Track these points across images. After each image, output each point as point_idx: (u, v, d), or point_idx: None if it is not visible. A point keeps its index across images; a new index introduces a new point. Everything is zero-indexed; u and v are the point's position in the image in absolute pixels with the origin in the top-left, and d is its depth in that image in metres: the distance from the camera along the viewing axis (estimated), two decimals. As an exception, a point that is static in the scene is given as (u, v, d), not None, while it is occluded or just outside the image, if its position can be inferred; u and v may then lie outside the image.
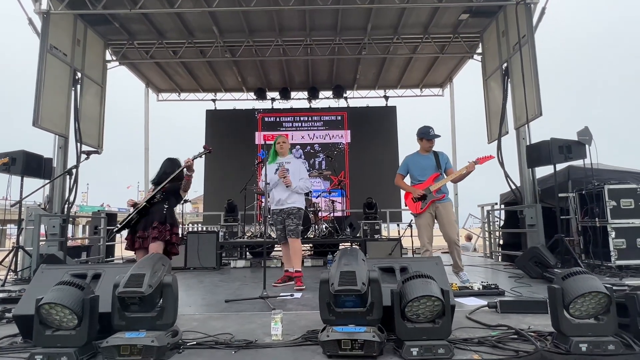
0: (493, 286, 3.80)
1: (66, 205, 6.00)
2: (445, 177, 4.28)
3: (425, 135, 4.34)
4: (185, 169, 3.89)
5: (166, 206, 3.87)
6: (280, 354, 2.10)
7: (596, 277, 2.11)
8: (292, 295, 3.87)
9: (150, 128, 10.45)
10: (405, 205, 4.50)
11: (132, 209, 3.81)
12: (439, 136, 4.38)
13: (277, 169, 4.52)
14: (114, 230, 3.86)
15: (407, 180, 4.46)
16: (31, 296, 2.22)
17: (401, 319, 2.04)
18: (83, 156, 4.26)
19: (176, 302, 2.20)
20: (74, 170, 4.51)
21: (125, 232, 3.90)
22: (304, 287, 4.22)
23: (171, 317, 2.13)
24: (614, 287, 2.31)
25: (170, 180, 3.82)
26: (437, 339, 2.00)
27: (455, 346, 2.09)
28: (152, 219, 3.76)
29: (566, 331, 2.03)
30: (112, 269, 2.59)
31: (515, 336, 2.26)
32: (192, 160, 3.87)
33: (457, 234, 4.30)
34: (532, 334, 2.26)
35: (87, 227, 7.91)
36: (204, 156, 4.19)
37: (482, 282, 3.95)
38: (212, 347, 2.21)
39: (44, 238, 5.93)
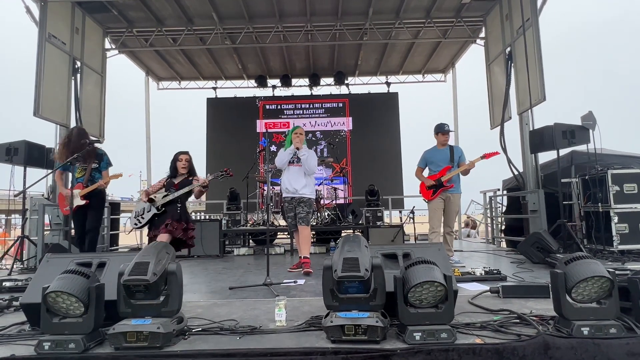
0: (495, 271, 3.81)
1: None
2: (457, 169, 4.79)
3: (441, 129, 4.92)
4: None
5: (179, 205, 4.11)
6: (284, 340, 2.12)
7: (599, 262, 2.11)
8: (295, 281, 3.90)
9: (151, 116, 10.43)
10: (420, 193, 5.01)
11: (146, 201, 4.05)
12: (452, 131, 5.00)
13: (292, 156, 4.62)
14: (136, 227, 4.16)
15: (425, 172, 5.02)
16: (37, 285, 2.24)
17: (404, 305, 2.05)
18: (89, 146, 4.27)
19: (181, 290, 2.22)
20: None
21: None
22: (311, 271, 4.31)
23: (176, 304, 2.16)
24: (616, 272, 2.32)
25: (185, 193, 4.06)
26: (439, 323, 2.02)
27: (457, 331, 2.11)
28: (165, 217, 4.00)
29: (568, 315, 2.04)
30: (117, 257, 2.61)
31: (518, 320, 2.28)
32: (209, 181, 4.12)
33: (454, 223, 4.82)
34: (534, 318, 2.27)
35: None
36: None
37: (484, 267, 3.96)
38: (217, 333, 2.23)
39: (49, 228, 5.98)
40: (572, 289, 2.04)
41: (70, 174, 4.58)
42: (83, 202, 4.36)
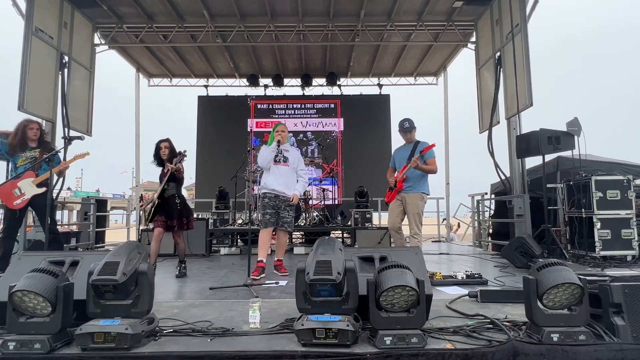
0: (476, 275, 3.83)
1: (54, 191, 5.93)
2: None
3: (399, 127, 4.56)
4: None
5: (178, 201, 4.34)
6: (255, 342, 2.10)
7: (571, 269, 2.12)
8: (277, 282, 3.88)
9: (141, 113, 10.35)
10: None
11: (148, 204, 4.33)
12: (409, 128, 4.50)
13: (276, 155, 4.38)
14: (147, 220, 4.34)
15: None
16: (6, 283, 2.20)
17: (376, 309, 2.04)
18: (69, 142, 4.20)
19: (152, 290, 2.19)
20: (60, 155, 4.42)
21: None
22: (287, 273, 4.29)
23: (146, 305, 2.13)
24: (595, 278, 2.34)
25: (167, 180, 4.26)
26: (411, 328, 2.01)
27: (430, 335, 2.11)
28: (172, 214, 4.29)
29: (539, 321, 2.05)
30: (90, 256, 2.56)
31: (491, 326, 2.28)
32: (174, 166, 4.22)
33: (417, 227, 4.32)
34: (507, 323, 2.28)
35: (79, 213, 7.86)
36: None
37: (466, 271, 3.98)
38: (188, 334, 2.21)
39: (32, 224, 5.90)
40: (543, 295, 2.04)
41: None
42: (41, 190, 4.12)
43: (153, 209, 4.25)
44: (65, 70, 6.84)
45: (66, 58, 6.86)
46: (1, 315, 2.24)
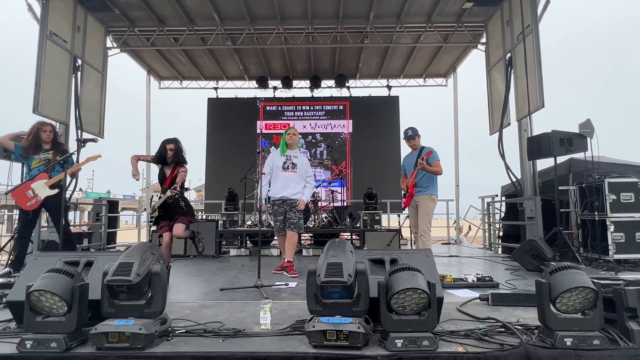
0: (487, 278, 3.80)
1: (67, 192, 6.02)
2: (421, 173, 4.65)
3: (404, 136, 4.85)
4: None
5: (183, 203, 4.19)
6: (266, 343, 2.12)
7: (584, 272, 2.09)
8: (286, 284, 3.89)
9: (152, 115, 10.46)
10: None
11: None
12: (412, 135, 4.72)
13: (285, 162, 4.55)
14: (152, 229, 4.41)
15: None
16: (24, 283, 2.25)
17: (387, 311, 2.04)
18: (82, 144, 4.27)
19: (165, 291, 2.22)
20: (74, 157, 4.49)
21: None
22: (297, 274, 4.33)
23: (159, 306, 2.16)
24: (608, 282, 2.31)
25: (165, 200, 4.11)
26: (422, 331, 2.01)
27: (441, 338, 2.10)
28: (174, 213, 4.11)
29: (552, 325, 2.03)
30: (105, 256, 2.61)
31: (502, 329, 2.27)
32: (171, 194, 4.08)
33: (426, 226, 4.49)
34: (519, 327, 2.26)
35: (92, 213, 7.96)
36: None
37: (476, 274, 3.95)
38: (200, 335, 2.23)
39: (46, 224, 6.00)
40: (556, 299, 2.03)
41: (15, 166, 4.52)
42: (54, 192, 4.19)
43: (157, 215, 4.18)
44: (79, 73, 6.95)
45: (79, 61, 6.98)
46: (19, 314, 2.30)
